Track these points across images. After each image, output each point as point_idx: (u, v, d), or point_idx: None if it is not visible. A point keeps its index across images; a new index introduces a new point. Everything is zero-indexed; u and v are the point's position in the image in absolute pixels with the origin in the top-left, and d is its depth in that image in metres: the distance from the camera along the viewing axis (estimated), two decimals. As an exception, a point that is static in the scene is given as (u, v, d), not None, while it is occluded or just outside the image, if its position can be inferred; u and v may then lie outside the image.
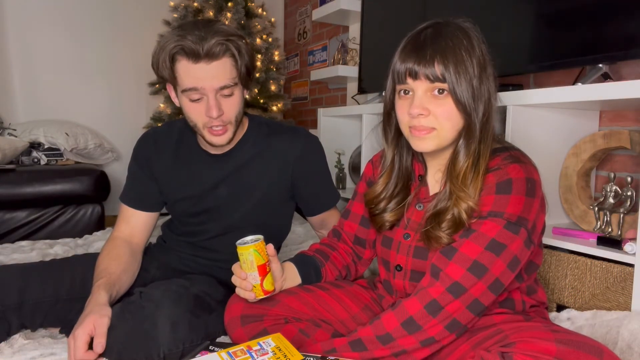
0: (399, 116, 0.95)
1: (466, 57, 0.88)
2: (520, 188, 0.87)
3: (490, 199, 0.88)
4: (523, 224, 0.86)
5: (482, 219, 0.87)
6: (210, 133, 1.15)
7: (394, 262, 1.01)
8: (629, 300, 1.09)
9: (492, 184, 0.88)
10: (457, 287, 0.84)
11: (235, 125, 1.17)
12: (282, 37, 3.74)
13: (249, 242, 0.95)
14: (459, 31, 0.91)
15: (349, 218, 1.15)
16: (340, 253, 1.14)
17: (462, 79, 0.88)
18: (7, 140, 2.51)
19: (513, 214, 0.86)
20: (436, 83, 0.88)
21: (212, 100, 1.10)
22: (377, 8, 2.21)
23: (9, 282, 1.14)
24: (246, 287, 0.97)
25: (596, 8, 1.28)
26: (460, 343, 0.89)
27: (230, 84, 1.11)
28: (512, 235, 0.85)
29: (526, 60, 1.49)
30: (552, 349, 0.69)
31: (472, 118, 0.90)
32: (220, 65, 1.09)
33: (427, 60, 0.88)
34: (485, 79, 0.91)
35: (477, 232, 0.86)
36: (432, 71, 0.88)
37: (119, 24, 3.31)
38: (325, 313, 1.03)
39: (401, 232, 1.01)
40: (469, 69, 0.88)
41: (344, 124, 2.51)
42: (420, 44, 0.90)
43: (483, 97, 0.91)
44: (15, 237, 2.22)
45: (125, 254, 1.22)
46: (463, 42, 0.89)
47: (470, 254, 0.85)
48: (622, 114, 1.43)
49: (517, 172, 0.88)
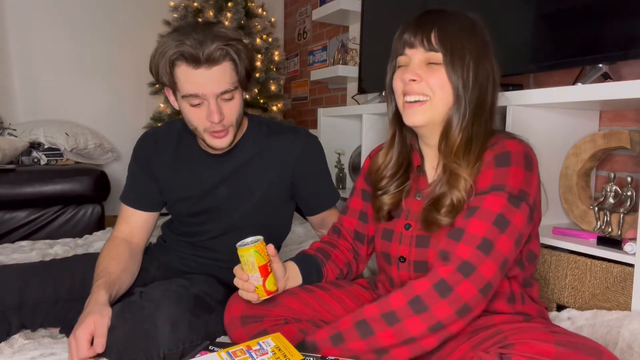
0: (395, 87, 0.97)
1: (465, 37, 0.91)
2: (519, 160, 0.88)
3: (490, 173, 0.88)
4: (525, 198, 0.86)
5: (484, 194, 0.87)
6: (211, 136, 1.15)
7: (397, 254, 1.00)
8: (629, 300, 1.09)
9: (491, 158, 0.89)
10: (467, 266, 0.82)
11: (236, 127, 1.17)
12: (282, 37, 3.74)
13: (249, 243, 0.95)
14: (463, 16, 0.94)
15: (347, 213, 1.16)
16: (342, 250, 1.14)
17: (457, 56, 0.90)
18: (7, 140, 2.51)
19: (514, 186, 0.86)
20: (431, 53, 0.91)
21: (213, 105, 1.10)
22: (377, 8, 2.21)
23: (9, 282, 1.14)
24: (248, 288, 0.96)
25: (596, 8, 1.28)
26: (460, 343, 0.89)
27: (231, 88, 1.11)
28: (515, 209, 0.85)
29: (526, 60, 1.49)
30: (551, 350, 0.69)
31: (462, 95, 0.91)
32: (221, 70, 1.09)
33: (425, 29, 0.92)
34: (483, 65, 0.93)
35: (481, 209, 0.86)
36: (427, 39, 0.91)
37: (119, 24, 3.31)
38: (326, 313, 1.03)
39: (402, 223, 1.01)
40: (466, 48, 0.91)
41: (344, 124, 2.51)
42: (421, 18, 0.95)
43: (478, 80, 0.92)
44: (15, 237, 2.22)
45: (125, 253, 1.22)
46: (465, 24, 0.93)
47: (478, 232, 0.84)
48: (622, 114, 1.43)
49: (514, 146, 0.89)
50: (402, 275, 1.00)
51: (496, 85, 0.97)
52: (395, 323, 0.82)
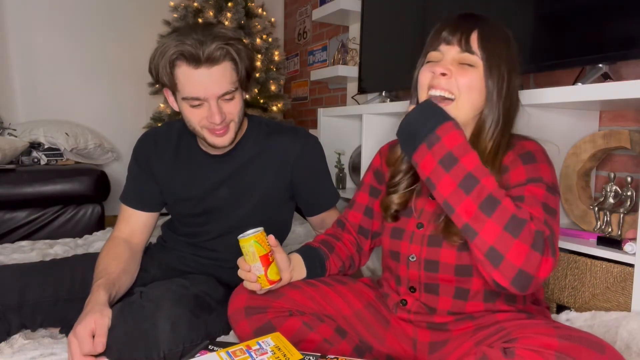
0: (421, 80, 0.95)
1: (503, 47, 0.92)
2: (543, 157, 0.90)
3: (522, 169, 0.89)
4: (558, 190, 0.88)
5: (523, 185, 0.87)
6: (211, 134, 1.15)
7: (407, 253, 1.00)
8: (629, 301, 1.09)
9: (515, 157, 0.91)
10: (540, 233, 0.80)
11: (237, 124, 1.17)
12: (282, 37, 3.74)
13: (249, 233, 0.96)
14: (503, 28, 0.95)
15: (353, 208, 1.16)
16: (345, 243, 1.14)
17: (495, 62, 0.91)
18: (7, 140, 2.51)
19: (548, 179, 0.87)
20: (466, 54, 0.91)
21: (214, 107, 1.10)
22: (377, 8, 2.21)
23: (9, 282, 1.14)
24: (251, 278, 0.97)
25: (596, 8, 1.28)
26: (464, 341, 0.89)
27: (232, 89, 1.11)
28: (555, 198, 0.86)
29: (526, 60, 1.49)
30: (554, 343, 0.69)
31: (496, 102, 0.92)
32: (221, 70, 1.09)
33: (465, 28, 0.91)
34: (514, 78, 0.94)
35: (527, 197, 0.85)
36: (466, 39, 0.91)
37: (119, 24, 3.31)
38: (329, 308, 1.03)
39: (414, 222, 1.01)
40: (503, 58, 0.92)
41: (344, 124, 2.51)
42: (463, 17, 0.94)
43: (510, 91, 0.93)
44: (15, 237, 2.22)
45: (125, 254, 1.22)
46: (504, 36, 0.94)
47: (536, 214, 0.82)
48: (622, 114, 1.43)
49: (533, 145, 0.92)
50: (412, 274, 1.00)
51: (520, 101, 0.99)
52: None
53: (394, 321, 1.03)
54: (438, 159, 0.83)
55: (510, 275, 0.77)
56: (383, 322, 1.03)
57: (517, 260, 0.77)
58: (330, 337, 1.00)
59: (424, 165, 0.85)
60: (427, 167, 0.85)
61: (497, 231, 0.78)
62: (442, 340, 0.96)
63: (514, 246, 0.77)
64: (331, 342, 1.00)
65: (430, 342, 0.97)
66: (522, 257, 0.76)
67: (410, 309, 1.00)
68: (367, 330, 1.02)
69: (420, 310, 0.99)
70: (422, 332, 0.99)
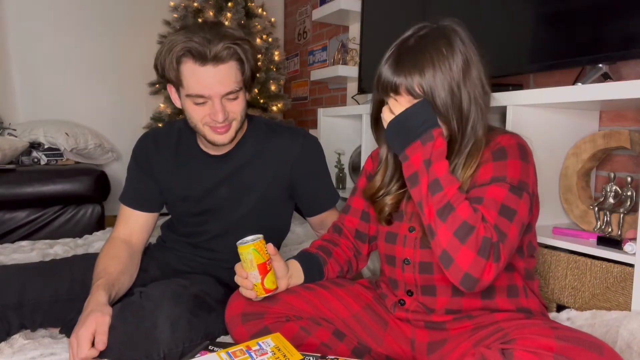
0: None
1: (433, 70, 0.89)
2: (514, 153, 0.90)
3: (489, 166, 0.90)
4: (524, 188, 0.88)
5: (485, 185, 0.88)
6: (212, 131, 1.15)
7: (401, 257, 1.01)
8: (629, 300, 1.09)
9: (488, 155, 0.91)
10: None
11: (239, 123, 1.17)
12: (282, 37, 3.73)
13: (248, 241, 0.96)
14: (440, 39, 0.92)
15: (349, 213, 1.16)
16: (342, 248, 1.14)
17: (433, 90, 0.89)
18: (7, 140, 2.51)
19: (514, 177, 0.87)
20: (410, 97, 0.91)
21: (217, 105, 1.10)
22: (377, 8, 2.21)
23: (8, 282, 1.14)
24: (247, 285, 0.97)
25: (596, 8, 1.28)
26: (462, 341, 0.89)
27: (236, 88, 1.11)
28: (518, 198, 0.86)
29: (526, 60, 1.49)
30: (552, 344, 0.69)
31: (451, 126, 0.92)
32: (227, 69, 1.09)
33: (390, 89, 0.92)
34: (467, 85, 0.92)
35: (486, 199, 0.86)
36: (410, 85, 0.90)
37: (119, 24, 3.31)
38: (326, 311, 1.03)
39: (405, 225, 1.01)
40: (440, 78, 0.89)
41: (344, 124, 2.51)
42: (398, 58, 0.93)
43: (464, 105, 0.92)
44: (15, 237, 2.22)
45: (124, 254, 1.22)
46: (442, 52, 0.90)
47: (489, 219, 0.84)
48: (622, 114, 1.43)
49: (507, 140, 0.92)
50: (407, 277, 1.00)
51: (485, 94, 0.95)
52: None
53: (392, 322, 1.03)
54: (424, 159, 0.87)
55: (458, 277, 0.83)
56: (381, 323, 1.03)
57: (464, 265, 0.81)
58: (328, 340, 1.00)
59: (414, 160, 0.88)
60: (416, 163, 0.88)
61: (447, 236, 0.83)
62: (440, 340, 0.96)
63: (461, 251, 0.81)
64: (329, 346, 1.00)
65: (429, 342, 0.97)
66: (468, 262, 0.81)
67: (409, 308, 1.00)
68: (366, 332, 1.02)
69: (418, 309, 0.99)
70: (420, 332, 0.99)
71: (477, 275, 0.81)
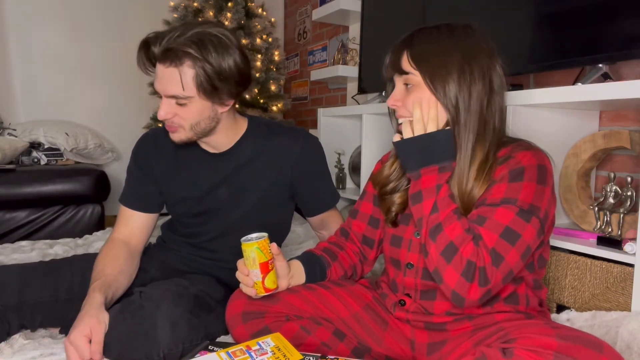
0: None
1: (442, 55, 0.92)
2: (532, 175, 0.89)
3: (504, 186, 0.89)
4: (535, 212, 0.87)
5: (495, 206, 0.88)
6: (166, 127, 1.16)
7: (405, 261, 1.01)
8: (629, 300, 1.09)
9: (505, 173, 0.90)
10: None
11: (189, 131, 1.15)
12: (282, 37, 3.73)
13: (253, 239, 0.96)
14: (444, 34, 0.95)
15: (357, 217, 1.15)
16: (348, 253, 1.14)
17: (435, 72, 0.92)
18: (7, 140, 2.51)
19: (525, 201, 0.87)
20: (404, 76, 0.95)
21: (163, 101, 1.11)
22: (377, 8, 2.21)
23: (8, 282, 1.14)
24: (248, 282, 0.97)
25: (596, 8, 1.28)
26: (462, 341, 0.89)
27: (183, 95, 1.09)
28: (525, 223, 0.86)
29: (526, 60, 1.49)
30: (553, 343, 0.69)
31: (455, 117, 0.93)
32: (170, 73, 1.08)
33: (395, 53, 0.96)
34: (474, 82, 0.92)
35: (490, 219, 0.87)
36: (397, 64, 0.95)
37: (119, 24, 3.31)
38: (327, 311, 1.03)
39: (412, 230, 1.01)
40: (444, 64, 0.92)
41: (344, 124, 2.51)
42: (399, 43, 0.98)
43: (472, 96, 0.92)
44: (15, 237, 2.22)
45: (123, 255, 1.22)
46: (446, 42, 0.94)
47: (488, 242, 0.85)
48: (622, 114, 1.43)
49: (528, 159, 0.90)
50: (408, 281, 1.00)
51: (501, 90, 0.96)
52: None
53: (392, 322, 1.03)
54: (437, 183, 0.91)
55: (448, 293, 0.86)
56: (381, 323, 1.03)
57: (451, 283, 0.85)
58: (328, 340, 1.00)
59: (426, 181, 0.91)
60: (428, 183, 0.91)
61: (436, 255, 0.87)
62: (440, 340, 0.96)
63: (447, 270, 0.85)
64: (329, 345, 1.00)
65: (428, 342, 0.97)
66: (453, 281, 0.85)
67: (409, 309, 1.00)
68: (366, 332, 1.02)
69: (418, 310, 0.99)
70: (420, 333, 0.99)
71: (463, 295, 0.84)
